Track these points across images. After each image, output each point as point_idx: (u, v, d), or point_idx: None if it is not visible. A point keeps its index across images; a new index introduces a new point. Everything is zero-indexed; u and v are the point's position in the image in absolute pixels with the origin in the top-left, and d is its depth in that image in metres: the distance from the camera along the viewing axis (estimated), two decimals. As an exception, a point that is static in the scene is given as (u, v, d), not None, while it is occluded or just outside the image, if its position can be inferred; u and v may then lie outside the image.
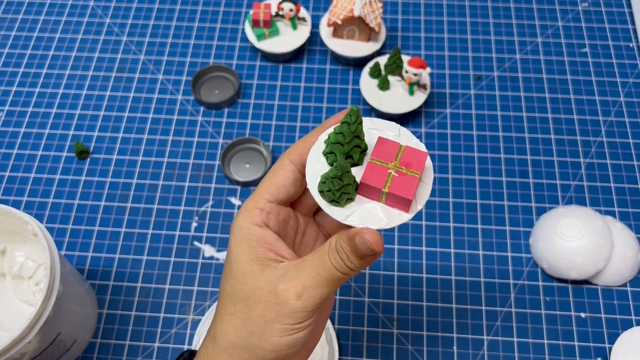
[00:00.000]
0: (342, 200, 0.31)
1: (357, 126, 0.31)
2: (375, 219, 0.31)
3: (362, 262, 0.30)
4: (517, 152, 0.66)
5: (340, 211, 0.31)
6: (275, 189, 0.33)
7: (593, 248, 0.56)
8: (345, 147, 0.31)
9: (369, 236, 0.29)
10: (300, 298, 0.30)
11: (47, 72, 0.72)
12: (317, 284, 0.30)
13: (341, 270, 0.30)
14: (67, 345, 0.51)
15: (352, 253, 0.30)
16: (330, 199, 0.31)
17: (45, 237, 0.46)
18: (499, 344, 0.56)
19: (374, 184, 0.31)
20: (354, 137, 0.31)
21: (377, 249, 0.29)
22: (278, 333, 0.30)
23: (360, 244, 0.29)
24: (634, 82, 0.71)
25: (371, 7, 0.67)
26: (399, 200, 0.30)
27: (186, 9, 0.77)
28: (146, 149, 0.67)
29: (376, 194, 0.31)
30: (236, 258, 0.32)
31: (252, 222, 0.33)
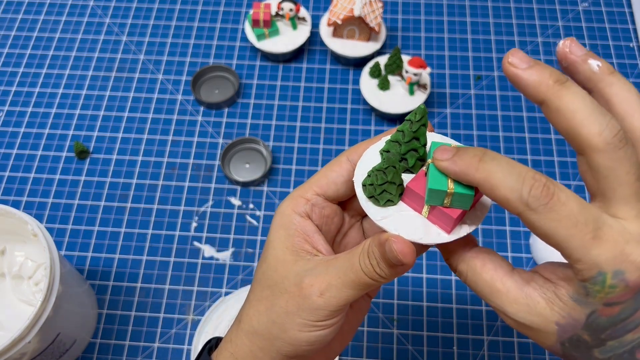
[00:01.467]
0: (381, 199, 0.29)
1: (419, 126, 0.28)
2: (410, 229, 0.28)
3: (391, 270, 0.28)
4: (517, 152, 0.66)
5: (376, 210, 0.29)
6: (326, 183, 0.32)
7: (593, 248, 0.56)
8: (402, 147, 0.29)
9: (397, 245, 0.27)
10: (323, 296, 0.29)
11: (46, 72, 0.72)
12: (343, 284, 0.29)
13: (369, 276, 0.28)
14: (67, 346, 0.51)
15: (382, 260, 0.28)
16: (370, 195, 0.29)
17: (45, 237, 0.46)
18: (499, 344, 0.56)
19: (420, 190, 0.28)
20: (413, 139, 0.29)
21: (405, 261, 0.27)
22: (297, 327, 0.29)
23: (388, 252, 0.27)
24: (634, 82, 0.71)
25: (371, 7, 0.67)
26: (442, 217, 0.28)
27: (186, 8, 0.77)
28: (146, 149, 0.67)
29: (420, 204, 0.29)
30: (272, 243, 0.32)
31: (294, 210, 0.32)
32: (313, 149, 0.66)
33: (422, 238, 0.28)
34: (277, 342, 0.30)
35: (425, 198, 0.28)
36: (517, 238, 0.61)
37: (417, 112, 0.28)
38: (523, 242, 0.61)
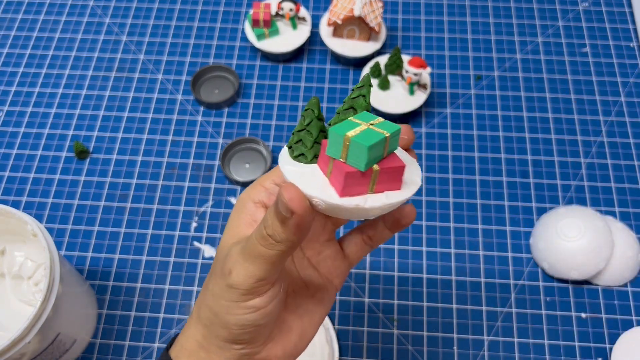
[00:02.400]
0: (295, 149, 0.27)
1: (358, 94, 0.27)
2: (308, 184, 0.26)
3: (284, 229, 0.26)
4: (517, 152, 0.66)
5: (287, 159, 0.28)
6: None
7: (593, 248, 0.56)
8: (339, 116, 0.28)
9: (287, 192, 0.25)
10: (231, 274, 0.28)
11: (46, 72, 0.72)
12: (244, 259, 0.27)
13: (262, 243, 0.27)
14: (67, 346, 0.51)
15: (275, 215, 0.26)
16: (289, 145, 0.28)
17: (45, 237, 0.46)
18: (500, 344, 0.56)
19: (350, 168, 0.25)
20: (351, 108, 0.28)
21: (295, 208, 0.25)
22: (224, 310, 0.28)
23: (279, 202, 0.25)
24: (634, 82, 0.70)
25: (371, 7, 0.67)
26: (337, 175, 0.26)
27: (186, 8, 0.77)
28: (146, 149, 0.67)
29: (327, 164, 0.26)
30: (225, 231, 0.31)
31: (249, 197, 0.31)
32: (313, 149, 0.66)
33: (313, 192, 0.26)
34: (213, 327, 0.29)
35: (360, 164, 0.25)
36: (517, 238, 0.61)
37: (361, 80, 0.27)
38: (523, 242, 0.61)
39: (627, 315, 0.57)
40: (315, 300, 0.33)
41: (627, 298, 0.58)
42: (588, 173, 0.64)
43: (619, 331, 0.56)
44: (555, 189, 0.64)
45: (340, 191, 0.25)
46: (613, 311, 0.57)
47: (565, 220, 0.57)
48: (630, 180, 0.64)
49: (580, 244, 0.56)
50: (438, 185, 0.64)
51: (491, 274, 0.59)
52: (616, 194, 0.63)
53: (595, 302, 0.58)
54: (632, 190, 0.63)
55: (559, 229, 0.57)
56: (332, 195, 0.26)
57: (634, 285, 0.58)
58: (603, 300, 0.58)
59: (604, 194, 0.63)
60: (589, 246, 0.56)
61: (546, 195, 0.63)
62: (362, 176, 0.25)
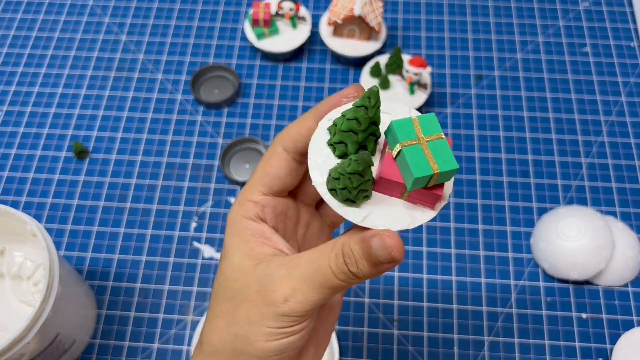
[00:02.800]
0: (359, 199, 0.26)
1: (376, 111, 0.26)
2: (396, 219, 0.26)
3: (373, 270, 0.26)
4: (518, 151, 0.66)
5: (355, 212, 0.26)
6: (269, 180, 0.30)
7: (594, 248, 0.56)
8: (359, 135, 0.26)
9: (390, 240, 0.25)
10: (288, 302, 0.26)
11: (46, 71, 0.72)
12: (309, 288, 0.26)
13: (341, 278, 0.26)
14: (66, 346, 0.51)
15: (365, 259, 0.26)
16: (345, 198, 0.26)
17: (44, 238, 0.46)
18: (500, 344, 0.56)
19: (398, 178, 0.26)
20: (371, 124, 0.26)
21: (397, 256, 0.25)
22: (264, 337, 0.27)
23: (378, 249, 0.25)
24: (635, 82, 0.70)
25: (371, 7, 0.67)
26: (426, 197, 0.26)
27: (186, 8, 0.77)
28: (145, 149, 0.66)
29: (397, 190, 0.26)
30: (227, 253, 0.29)
31: (244, 216, 0.30)
32: (313, 148, 0.66)
33: (411, 223, 0.26)
34: (243, 357, 0.28)
35: (407, 185, 0.26)
36: (517, 238, 0.61)
37: (370, 95, 0.26)
38: (524, 242, 0.61)
39: (628, 315, 0.57)
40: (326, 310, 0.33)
41: (627, 298, 0.58)
42: (589, 173, 0.64)
43: (620, 331, 0.56)
44: (556, 189, 0.64)
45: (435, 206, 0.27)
46: (614, 311, 0.57)
47: (565, 220, 0.57)
48: (631, 180, 0.64)
49: (580, 244, 0.56)
50: (438, 185, 0.64)
51: (491, 274, 0.59)
52: (617, 194, 0.63)
53: (595, 302, 0.57)
54: (632, 190, 0.63)
55: (559, 229, 0.57)
56: (425, 212, 0.27)
57: (634, 286, 0.58)
58: (603, 300, 0.58)
59: (605, 194, 0.63)
60: (589, 246, 0.56)
61: (547, 195, 0.63)
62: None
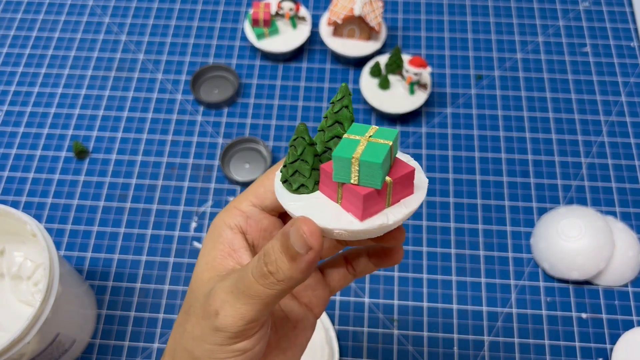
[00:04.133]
0: (294, 182, 0.25)
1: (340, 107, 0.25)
2: (321, 215, 0.24)
3: (292, 266, 0.24)
4: (518, 152, 0.66)
5: (289, 196, 0.25)
6: (263, 192, 0.29)
7: (594, 248, 0.56)
8: (325, 134, 0.26)
9: (305, 226, 0.23)
10: (218, 315, 0.25)
11: (46, 71, 0.72)
12: (235, 299, 0.25)
13: (261, 282, 0.24)
14: (66, 346, 0.51)
15: (283, 252, 0.24)
16: (284, 179, 0.26)
17: (44, 238, 0.46)
18: (500, 344, 0.56)
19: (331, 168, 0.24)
20: (336, 123, 0.25)
21: (312, 242, 0.23)
22: (207, 354, 0.25)
23: (293, 235, 0.23)
24: (635, 82, 0.70)
25: (371, 7, 0.67)
26: (353, 199, 0.24)
27: (185, 8, 0.77)
28: (145, 149, 0.66)
29: (333, 190, 0.25)
30: (198, 261, 0.29)
31: (225, 223, 0.29)
32: (313, 148, 0.66)
33: (331, 223, 0.24)
34: None
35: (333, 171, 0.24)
36: (517, 238, 0.61)
37: (339, 91, 0.25)
38: (524, 242, 0.61)
39: (628, 315, 0.57)
40: (297, 332, 0.31)
41: (627, 298, 0.58)
42: (589, 173, 0.64)
43: (620, 331, 0.56)
44: (556, 189, 0.64)
45: (361, 215, 0.24)
46: (614, 311, 0.57)
47: (565, 220, 0.57)
48: (631, 180, 0.64)
49: (580, 244, 0.56)
50: (438, 185, 0.64)
51: (491, 274, 0.59)
52: (617, 194, 0.63)
53: (595, 302, 0.57)
54: (632, 190, 0.63)
55: (559, 229, 0.57)
56: (352, 222, 0.24)
57: (634, 286, 0.58)
58: (604, 300, 0.58)
59: (605, 194, 0.63)
60: (589, 246, 0.56)
61: (547, 195, 0.63)
62: (379, 194, 0.24)
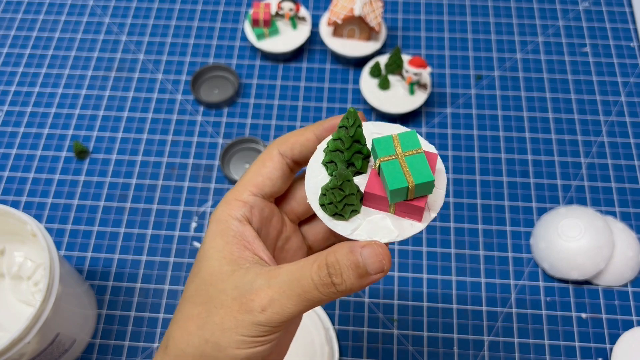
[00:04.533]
0: (346, 213, 0.28)
1: (355, 129, 0.28)
2: (385, 232, 0.28)
3: (357, 281, 0.26)
4: (518, 152, 0.66)
5: (344, 225, 0.28)
6: (262, 180, 0.30)
7: (594, 248, 0.56)
8: (345, 154, 0.28)
9: (382, 252, 0.26)
10: (265, 311, 0.26)
11: (46, 71, 0.72)
12: (288, 299, 0.26)
13: (322, 290, 0.26)
14: (66, 346, 0.51)
15: (352, 269, 0.26)
16: (333, 213, 0.28)
17: (45, 237, 0.46)
18: (500, 344, 0.56)
19: (381, 192, 0.27)
20: (354, 142, 0.28)
21: (387, 266, 0.26)
22: (235, 344, 0.27)
23: (368, 258, 0.26)
24: (635, 82, 0.70)
25: (371, 7, 0.67)
26: (410, 209, 0.27)
27: (186, 8, 0.77)
28: (145, 149, 0.66)
29: (384, 204, 0.28)
30: (206, 254, 0.29)
31: (231, 216, 0.29)
32: (313, 148, 0.66)
33: (400, 235, 0.27)
34: None
35: (388, 198, 0.27)
36: (517, 238, 0.61)
37: (348, 116, 0.28)
38: (523, 242, 0.61)
39: (628, 315, 0.57)
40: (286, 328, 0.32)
41: (627, 298, 0.58)
42: (588, 173, 0.64)
43: (619, 331, 0.56)
44: (556, 189, 0.64)
45: (421, 218, 0.28)
46: (613, 311, 0.57)
47: (565, 220, 0.57)
48: (631, 180, 0.64)
49: (580, 244, 0.56)
50: (438, 185, 0.64)
51: (491, 274, 0.59)
52: (616, 194, 0.63)
53: (595, 302, 0.58)
54: (632, 190, 0.63)
55: (559, 229, 0.57)
56: (414, 225, 0.28)
57: (634, 285, 0.58)
58: (603, 300, 0.58)
59: (605, 194, 0.63)
60: (589, 246, 0.56)
61: (546, 195, 0.63)
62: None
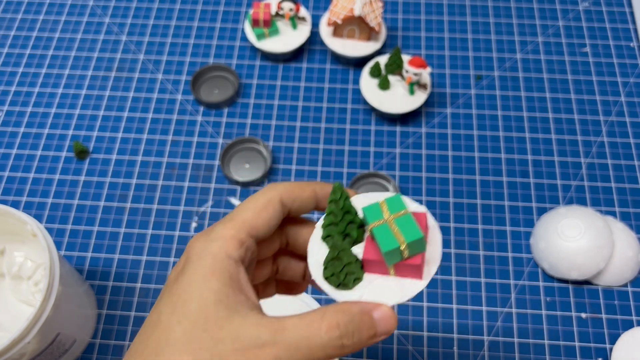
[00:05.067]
0: (349, 282, 0.29)
1: (344, 201, 0.30)
2: (390, 294, 0.29)
3: (366, 343, 0.27)
4: (517, 152, 0.66)
5: (351, 294, 0.29)
6: (260, 224, 0.29)
7: (594, 248, 0.56)
8: (339, 226, 0.30)
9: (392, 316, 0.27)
10: None
11: (46, 71, 0.72)
12: (291, 356, 0.25)
13: (330, 351, 0.26)
14: (66, 346, 0.51)
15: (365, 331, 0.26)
16: (337, 284, 0.29)
17: (45, 237, 0.46)
18: (500, 344, 0.56)
19: (377, 256, 0.29)
20: (345, 214, 0.30)
21: (394, 327, 0.27)
22: None
23: (381, 320, 0.27)
24: (634, 82, 0.70)
25: (371, 7, 0.67)
26: (408, 269, 0.29)
27: (186, 8, 0.77)
28: (145, 149, 0.66)
29: (383, 268, 0.29)
30: (199, 295, 0.26)
31: (228, 254, 0.27)
32: (313, 149, 0.66)
33: (404, 295, 0.29)
34: None
35: (385, 260, 0.28)
36: (517, 238, 0.61)
37: (335, 191, 0.30)
38: (523, 242, 0.61)
39: (628, 315, 0.57)
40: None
41: (627, 298, 0.58)
42: (588, 173, 0.64)
43: (619, 331, 0.56)
44: (556, 189, 0.64)
45: (421, 275, 0.29)
46: (613, 311, 0.57)
47: (565, 220, 0.57)
48: (631, 180, 0.64)
49: (580, 244, 0.56)
50: (438, 186, 0.64)
51: (491, 274, 0.59)
52: (616, 194, 0.63)
53: (595, 302, 0.58)
54: (632, 190, 0.63)
55: (559, 229, 0.57)
56: (416, 284, 0.29)
57: (634, 286, 0.58)
58: (603, 300, 0.58)
59: (604, 194, 0.63)
60: (589, 246, 0.56)
61: (546, 195, 0.63)
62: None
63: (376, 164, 0.65)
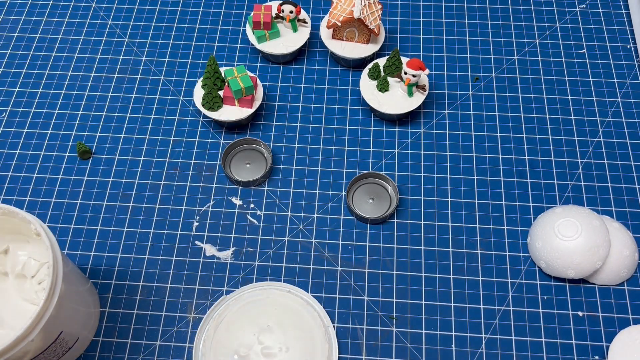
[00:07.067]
0: (215, 107, 0.64)
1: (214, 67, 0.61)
2: (232, 114, 0.64)
3: None
4: (515, 152, 0.66)
5: (215, 114, 0.63)
6: None
7: (590, 247, 0.56)
8: (211, 79, 0.63)
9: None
10: None
11: (49, 72, 0.73)
12: None
13: None
14: (70, 344, 0.51)
15: None
16: (209, 107, 0.64)
17: (48, 237, 0.47)
18: (497, 342, 0.56)
19: (230, 94, 0.63)
20: (215, 72, 0.62)
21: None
22: None
23: None
24: (631, 83, 0.71)
25: (370, 9, 0.68)
26: (245, 102, 0.63)
27: (187, 10, 0.78)
28: (148, 149, 0.67)
29: (232, 101, 0.63)
30: None
31: None
32: (313, 149, 0.67)
33: (241, 115, 0.62)
34: None
35: (234, 96, 0.62)
36: (514, 237, 0.61)
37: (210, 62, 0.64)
38: (520, 241, 0.61)
39: (624, 313, 0.57)
40: None
41: (623, 297, 0.58)
42: (585, 173, 0.65)
43: (616, 329, 0.57)
44: (553, 188, 0.64)
45: (252, 106, 0.64)
46: (610, 310, 0.58)
47: (562, 219, 0.58)
48: (627, 180, 0.65)
49: (577, 243, 0.56)
50: (436, 185, 0.64)
51: (489, 273, 0.60)
52: (613, 194, 0.64)
53: (592, 300, 0.58)
54: (628, 190, 0.64)
55: (556, 228, 0.58)
56: (249, 110, 0.65)
57: (630, 284, 0.59)
58: (600, 299, 0.58)
59: (601, 193, 0.64)
60: (586, 245, 0.56)
61: (543, 195, 0.64)
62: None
63: (375, 164, 0.66)
